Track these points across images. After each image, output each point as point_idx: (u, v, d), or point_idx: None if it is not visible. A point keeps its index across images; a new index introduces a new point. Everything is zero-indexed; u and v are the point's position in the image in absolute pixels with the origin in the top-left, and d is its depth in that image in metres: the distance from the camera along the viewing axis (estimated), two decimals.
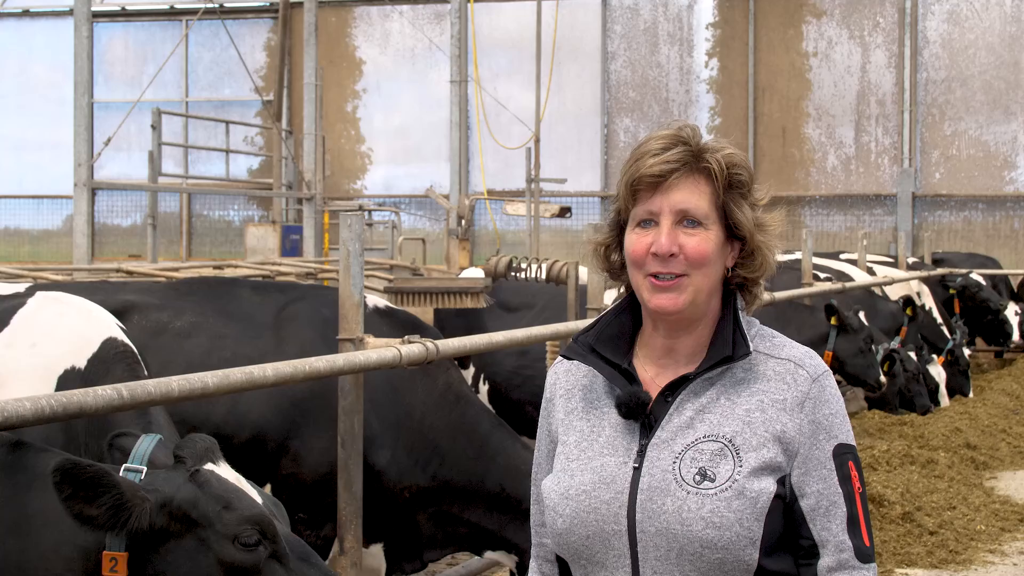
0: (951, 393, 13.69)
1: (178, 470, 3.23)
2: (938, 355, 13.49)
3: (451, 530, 5.75)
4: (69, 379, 4.29)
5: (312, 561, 3.23)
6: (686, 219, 2.55)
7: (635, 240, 2.58)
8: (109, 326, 4.48)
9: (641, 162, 2.56)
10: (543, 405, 2.76)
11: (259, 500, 3.27)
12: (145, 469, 3.24)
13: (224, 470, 3.29)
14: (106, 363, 4.34)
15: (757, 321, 2.68)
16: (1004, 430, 11.83)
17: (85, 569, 3.21)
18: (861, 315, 11.07)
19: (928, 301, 15.06)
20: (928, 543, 7.98)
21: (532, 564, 2.78)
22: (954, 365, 13.93)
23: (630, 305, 2.69)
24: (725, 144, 2.60)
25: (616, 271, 2.69)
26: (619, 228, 2.65)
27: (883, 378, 11.11)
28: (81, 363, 4.33)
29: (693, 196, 2.55)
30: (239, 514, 3.16)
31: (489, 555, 5.81)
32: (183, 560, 3.17)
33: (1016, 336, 16.99)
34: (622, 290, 2.72)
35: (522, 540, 5.56)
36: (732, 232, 2.59)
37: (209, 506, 3.17)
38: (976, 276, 17.45)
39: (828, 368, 2.62)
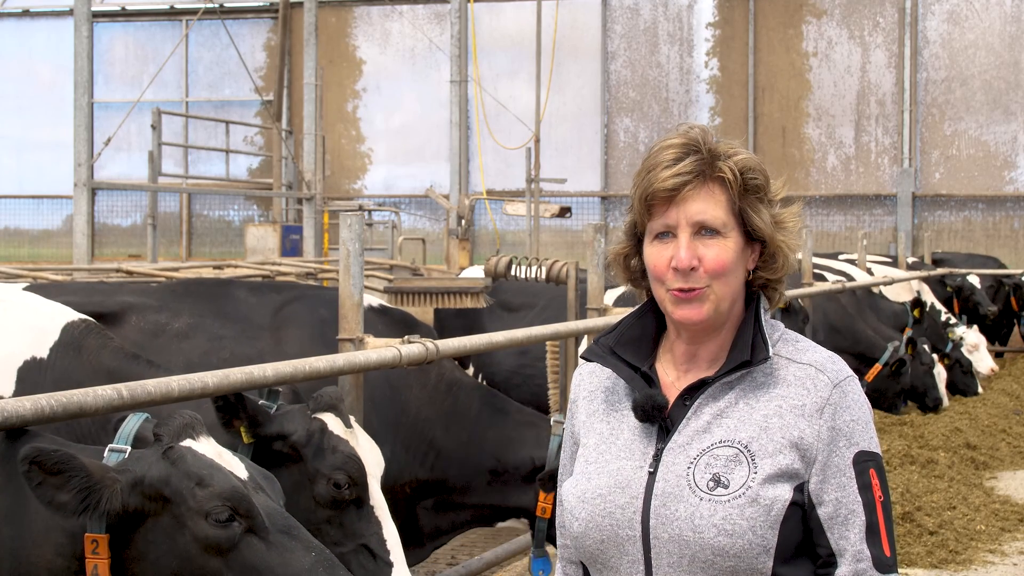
0: (957, 394, 13.71)
1: (153, 448, 3.21)
2: (939, 356, 13.50)
3: (455, 515, 5.84)
4: (31, 370, 4.30)
5: (294, 534, 3.20)
6: (704, 229, 2.52)
7: (655, 254, 2.55)
8: (62, 313, 4.48)
9: (653, 174, 2.53)
10: (568, 407, 2.76)
11: (243, 475, 3.24)
12: (129, 449, 3.23)
13: (204, 445, 3.26)
14: (74, 345, 4.36)
15: (782, 325, 2.66)
16: (1004, 430, 11.83)
17: (73, 553, 3.21)
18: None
19: (929, 300, 15.07)
20: (928, 543, 7.98)
21: (557, 565, 2.77)
22: (955, 367, 13.94)
23: (652, 307, 2.67)
24: (737, 147, 2.57)
25: (637, 278, 2.68)
26: (636, 237, 2.63)
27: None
28: (42, 353, 4.33)
29: (709, 206, 2.52)
30: (211, 490, 3.13)
31: (500, 524, 5.92)
32: (161, 539, 3.16)
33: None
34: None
35: (527, 502, 5.64)
36: (751, 235, 2.57)
37: (182, 483, 3.14)
38: (973, 280, 17.45)
39: (852, 373, 2.58)
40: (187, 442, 3.23)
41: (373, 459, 4.26)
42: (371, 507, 4.18)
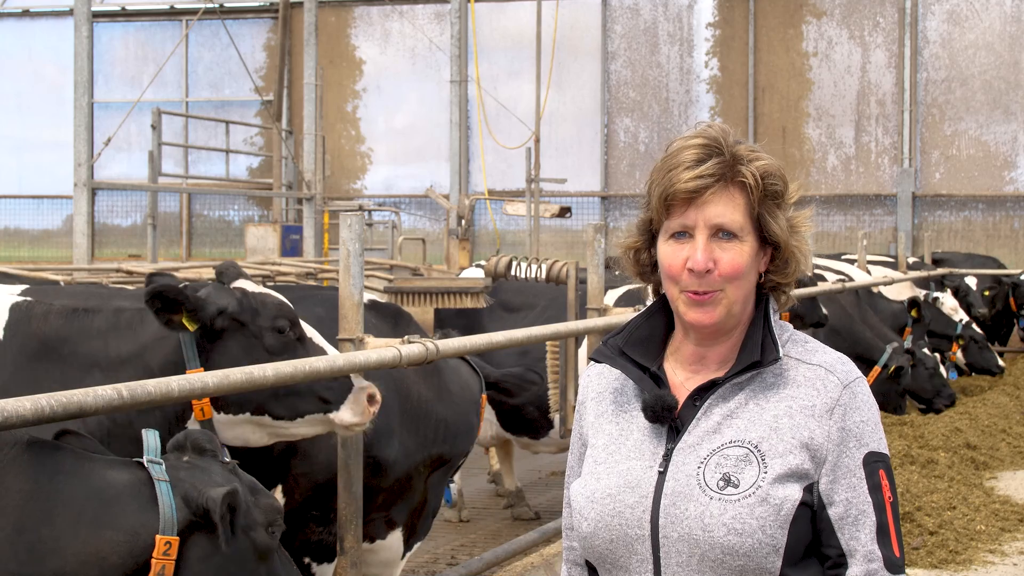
0: (980, 373, 13.97)
1: (212, 463, 3.53)
2: (951, 341, 13.65)
3: (450, 471, 6.19)
4: None
5: (281, 548, 3.61)
6: (721, 231, 2.52)
7: (670, 253, 2.55)
8: (5, 296, 4.77)
9: (674, 174, 2.53)
10: (576, 408, 2.76)
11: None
12: (163, 462, 3.48)
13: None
14: (24, 319, 4.62)
15: (790, 326, 2.66)
16: (1004, 430, 11.83)
17: (130, 551, 3.34)
18: None
19: (922, 294, 15.14)
20: (928, 543, 7.99)
21: (563, 568, 2.78)
22: (971, 344, 14.06)
23: (662, 307, 2.67)
24: (759, 152, 2.58)
25: (647, 273, 2.68)
26: (649, 233, 2.63)
27: None
28: None
29: (728, 209, 2.53)
30: (270, 503, 3.55)
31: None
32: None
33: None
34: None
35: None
36: (766, 239, 2.58)
37: (247, 496, 3.48)
38: (970, 280, 17.46)
39: (861, 375, 2.59)
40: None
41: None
42: (309, 338, 4.71)
